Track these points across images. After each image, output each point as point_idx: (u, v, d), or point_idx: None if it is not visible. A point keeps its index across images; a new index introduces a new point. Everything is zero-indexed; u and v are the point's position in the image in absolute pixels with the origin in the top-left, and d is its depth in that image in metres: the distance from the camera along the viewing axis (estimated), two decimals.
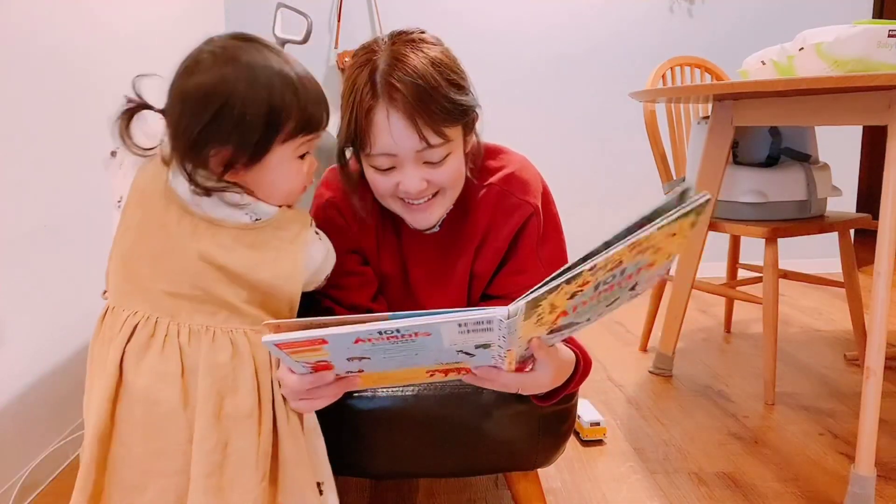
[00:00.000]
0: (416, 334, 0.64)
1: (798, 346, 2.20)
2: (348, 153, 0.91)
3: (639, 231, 0.63)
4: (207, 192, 0.77)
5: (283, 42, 2.61)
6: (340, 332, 0.63)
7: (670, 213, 0.63)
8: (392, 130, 0.81)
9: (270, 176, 0.80)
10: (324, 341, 0.64)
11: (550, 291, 0.62)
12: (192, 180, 0.76)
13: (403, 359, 0.68)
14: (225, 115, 0.75)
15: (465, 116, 0.85)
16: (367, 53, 0.84)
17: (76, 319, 1.49)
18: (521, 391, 0.79)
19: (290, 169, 0.81)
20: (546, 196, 1.00)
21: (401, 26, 0.87)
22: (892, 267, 1.22)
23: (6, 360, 1.29)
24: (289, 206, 0.84)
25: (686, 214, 0.64)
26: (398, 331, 0.63)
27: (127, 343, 0.77)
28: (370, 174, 0.88)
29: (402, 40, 0.84)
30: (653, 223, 0.63)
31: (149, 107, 0.81)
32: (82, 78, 1.55)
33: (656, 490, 1.34)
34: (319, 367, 0.70)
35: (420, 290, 1.02)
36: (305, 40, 2.59)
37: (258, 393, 0.79)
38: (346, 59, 2.73)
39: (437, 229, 0.98)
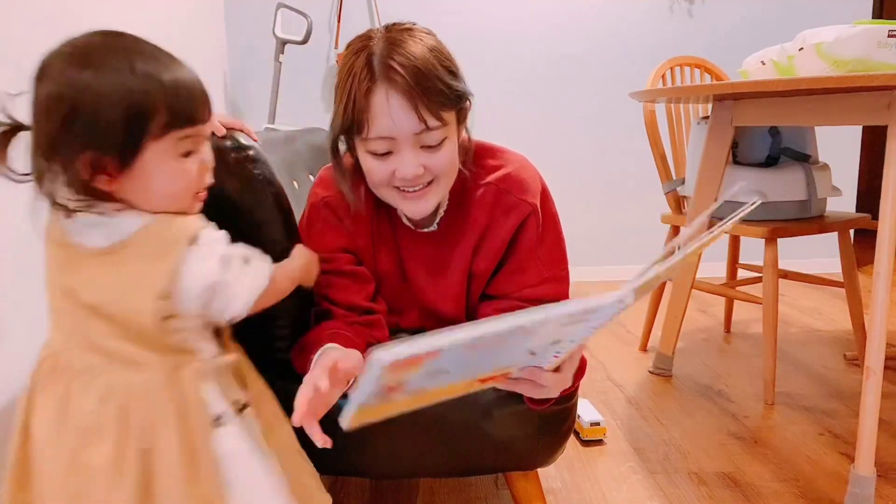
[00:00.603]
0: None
1: (798, 346, 2.20)
2: (342, 148, 0.91)
3: (712, 229, 0.72)
4: (68, 212, 0.71)
5: (284, 42, 2.61)
6: (459, 338, 0.53)
7: (735, 213, 0.74)
8: (392, 112, 0.82)
9: (148, 179, 0.72)
10: (433, 354, 0.54)
11: (657, 277, 0.63)
12: (52, 202, 0.70)
13: (466, 369, 0.62)
14: (75, 119, 0.68)
15: (460, 102, 0.87)
16: (362, 41, 0.86)
17: None
18: (549, 393, 0.78)
19: (171, 170, 0.73)
20: (545, 195, 1.00)
21: None
22: (892, 267, 1.23)
23: (6, 360, 1.29)
24: (185, 213, 0.76)
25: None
26: (521, 327, 0.57)
27: (37, 375, 0.77)
28: (366, 161, 0.88)
29: (398, 29, 0.86)
30: (723, 222, 0.73)
31: (25, 127, 0.74)
32: None
33: (656, 490, 1.34)
34: (390, 390, 0.60)
35: (419, 288, 1.02)
36: (305, 40, 2.59)
37: (125, 442, 0.72)
38: None
39: (434, 228, 0.98)
